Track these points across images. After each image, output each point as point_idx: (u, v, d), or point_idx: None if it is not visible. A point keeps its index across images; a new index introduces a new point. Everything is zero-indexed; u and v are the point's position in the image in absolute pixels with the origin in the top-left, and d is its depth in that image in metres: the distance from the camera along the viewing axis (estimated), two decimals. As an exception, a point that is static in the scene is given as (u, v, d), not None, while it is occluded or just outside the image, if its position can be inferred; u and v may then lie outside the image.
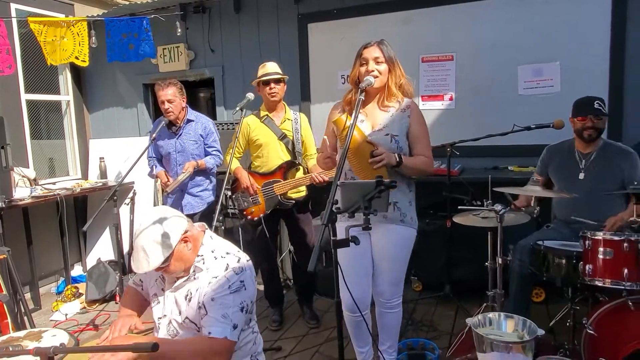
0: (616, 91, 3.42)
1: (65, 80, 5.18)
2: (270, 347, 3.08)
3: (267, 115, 3.22)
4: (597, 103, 2.72)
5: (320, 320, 3.41)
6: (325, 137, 2.36)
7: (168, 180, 3.47)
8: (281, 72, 3.19)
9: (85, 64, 4.29)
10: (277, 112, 3.24)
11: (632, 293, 2.20)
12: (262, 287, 3.40)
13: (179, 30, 4.26)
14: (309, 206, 3.36)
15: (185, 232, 1.79)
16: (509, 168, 3.68)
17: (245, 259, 1.85)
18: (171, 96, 3.38)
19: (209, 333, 1.66)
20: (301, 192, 3.27)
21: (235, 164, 3.24)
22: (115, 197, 3.20)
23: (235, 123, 4.10)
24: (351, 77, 2.34)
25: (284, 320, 3.47)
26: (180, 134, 3.50)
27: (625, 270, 2.13)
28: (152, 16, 4.26)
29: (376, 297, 2.43)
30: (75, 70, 5.17)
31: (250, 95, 3.00)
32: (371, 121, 2.30)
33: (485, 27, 3.78)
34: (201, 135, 3.53)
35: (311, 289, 3.53)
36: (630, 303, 2.15)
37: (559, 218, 2.96)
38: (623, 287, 2.15)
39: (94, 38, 4.17)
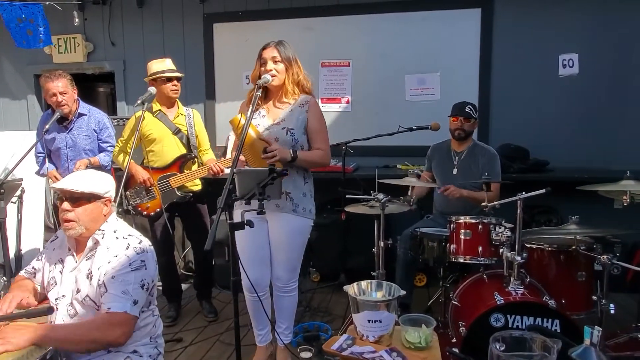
0: (484, 99, 4.00)
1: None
2: (171, 339, 3.10)
3: (160, 110, 3.24)
4: (468, 107, 3.17)
5: (218, 313, 3.47)
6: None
7: (58, 179, 3.34)
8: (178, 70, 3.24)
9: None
10: (171, 107, 3.28)
11: (487, 267, 2.62)
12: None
13: (77, 20, 4.12)
14: (204, 199, 3.40)
15: (110, 198, 1.89)
16: (398, 166, 4.08)
17: (147, 242, 1.91)
18: (63, 88, 3.27)
19: (109, 308, 1.70)
20: (197, 186, 3.31)
21: (127, 160, 3.20)
22: (2, 190, 3.02)
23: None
24: (252, 76, 2.49)
25: (184, 315, 3.50)
26: (72, 129, 3.39)
27: (480, 248, 2.54)
28: (47, 3, 4.07)
29: (274, 282, 2.58)
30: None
31: (153, 90, 3.01)
32: (272, 116, 2.47)
33: (378, 38, 4.17)
34: (94, 130, 3.45)
35: (209, 284, 3.59)
36: (485, 276, 2.57)
37: (437, 209, 3.38)
38: (478, 262, 2.55)
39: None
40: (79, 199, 1.80)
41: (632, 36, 3.81)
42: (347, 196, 2.91)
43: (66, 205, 1.80)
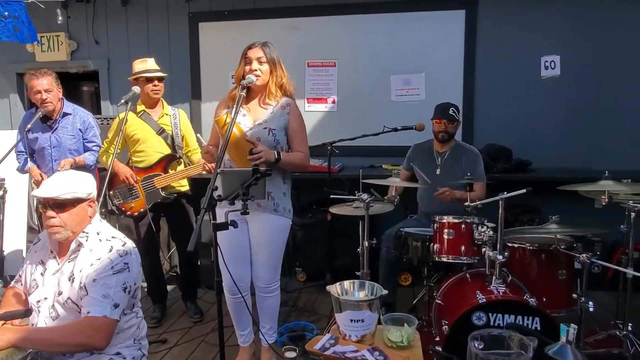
0: (468, 100, 4.04)
1: None
2: (155, 340, 3.09)
3: (144, 110, 3.22)
4: (451, 110, 3.19)
5: (204, 314, 3.45)
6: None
7: (42, 178, 3.30)
8: (159, 69, 3.22)
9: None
10: (155, 107, 3.26)
11: (470, 266, 2.66)
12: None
13: (60, 18, 4.07)
14: (191, 200, 3.39)
15: (94, 198, 1.86)
16: (383, 166, 4.11)
17: (131, 244, 1.90)
18: (48, 86, 3.23)
19: (88, 313, 1.69)
20: (183, 187, 3.30)
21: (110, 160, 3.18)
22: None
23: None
24: (236, 75, 2.49)
25: (170, 316, 3.48)
26: (56, 128, 3.35)
27: (463, 247, 2.57)
28: (30, 1, 4.01)
29: (255, 283, 2.58)
30: None
31: (137, 89, 3.01)
32: (253, 116, 2.47)
33: (364, 38, 4.18)
34: (80, 129, 3.41)
35: (195, 284, 3.58)
36: (467, 275, 2.60)
37: (421, 210, 3.41)
38: (461, 261, 2.58)
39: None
40: (63, 204, 1.78)
41: (612, 38, 3.88)
42: (331, 196, 2.92)
43: (51, 212, 1.78)
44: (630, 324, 2.53)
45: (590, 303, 2.35)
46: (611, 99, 3.93)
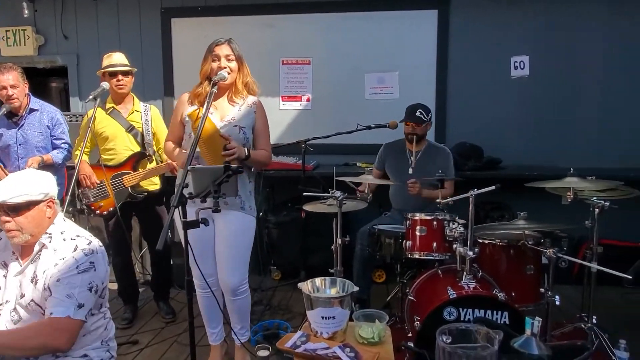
0: (441, 99, 4.10)
1: None
2: (126, 342, 3.03)
3: (113, 107, 3.15)
4: (419, 111, 3.20)
5: (176, 314, 3.40)
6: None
7: (6, 175, 3.20)
8: (129, 64, 3.15)
9: None
10: (125, 104, 3.19)
11: (443, 263, 2.69)
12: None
13: (26, 11, 3.95)
14: (162, 199, 3.35)
15: (52, 198, 1.79)
16: (357, 164, 4.12)
17: (97, 243, 1.85)
18: (14, 81, 3.13)
19: (51, 314, 1.65)
20: (155, 185, 3.25)
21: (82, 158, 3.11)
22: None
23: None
24: (202, 72, 2.46)
25: (141, 317, 3.42)
26: (22, 125, 3.25)
27: (435, 244, 2.61)
28: (-7, -7, 3.89)
29: (223, 288, 2.53)
30: None
31: (105, 85, 2.95)
32: (220, 113, 2.45)
33: (338, 37, 4.19)
34: (48, 126, 3.32)
35: (167, 284, 3.53)
36: (439, 271, 2.64)
37: (394, 207, 3.44)
38: (433, 258, 2.62)
39: None
40: (16, 208, 1.71)
41: (577, 39, 3.99)
42: (304, 194, 2.92)
43: (5, 217, 1.72)
44: (594, 317, 2.60)
45: (557, 297, 2.42)
46: (576, 99, 4.04)
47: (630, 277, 2.17)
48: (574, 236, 3.61)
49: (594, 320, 2.59)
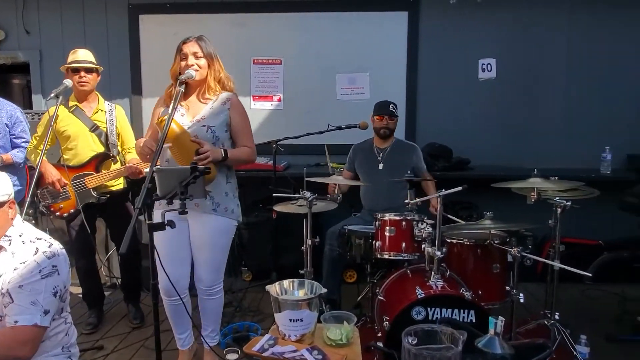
0: (411, 100, 4.15)
1: None
2: (90, 347, 2.95)
3: (76, 105, 3.06)
4: (391, 106, 3.32)
5: (144, 319, 3.32)
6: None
7: None
8: (94, 61, 3.06)
9: None
10: (89, 102, 3.10)
11: (412, 263, 2.72)
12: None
13: (-16, 5, 3.78)
14: (128, 198, 3.27)
15: (13, 199, 1.72)
16: (329, 164, 4.11)
17: (58, 245, 1.79)
18: None
19: (15, 322, 1.58)
20: (119, 185, 3.16)
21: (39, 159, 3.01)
22: None
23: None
24: (172, 71, 2.42)
25: (107, 322, 3.33)
26: None
27: (404, 244, 2.63)
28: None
29: (197, 285, 2.51)
30: None
31: (68, 82, 2.85)
32: (192, 113, 2.40)
33: (310, 37, 4.18)
34: (6, 124, 3.19)
35: (137, 286, 3.44)
36: (408, 271, 2.66)
37: (365, 208, 3.46)
38: (402, 258, 2.64)
39: None
40: None
41: (541, 42, 4.11)
42: (274, 195, 2.90)
43: None
44: (557, 313, 2.68)
45: (521, 295, 2.47)
46: (540, 101, 4.16)
47: (590, 275, 2.25)
48: (538, 235, 3.72)
49: (556, 317, 2.66)
